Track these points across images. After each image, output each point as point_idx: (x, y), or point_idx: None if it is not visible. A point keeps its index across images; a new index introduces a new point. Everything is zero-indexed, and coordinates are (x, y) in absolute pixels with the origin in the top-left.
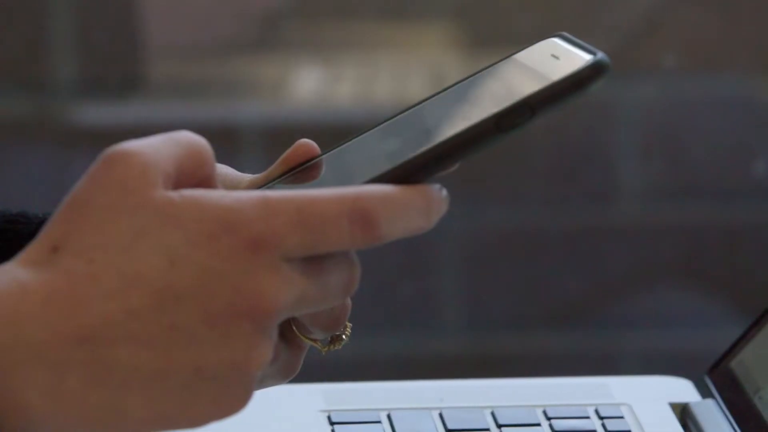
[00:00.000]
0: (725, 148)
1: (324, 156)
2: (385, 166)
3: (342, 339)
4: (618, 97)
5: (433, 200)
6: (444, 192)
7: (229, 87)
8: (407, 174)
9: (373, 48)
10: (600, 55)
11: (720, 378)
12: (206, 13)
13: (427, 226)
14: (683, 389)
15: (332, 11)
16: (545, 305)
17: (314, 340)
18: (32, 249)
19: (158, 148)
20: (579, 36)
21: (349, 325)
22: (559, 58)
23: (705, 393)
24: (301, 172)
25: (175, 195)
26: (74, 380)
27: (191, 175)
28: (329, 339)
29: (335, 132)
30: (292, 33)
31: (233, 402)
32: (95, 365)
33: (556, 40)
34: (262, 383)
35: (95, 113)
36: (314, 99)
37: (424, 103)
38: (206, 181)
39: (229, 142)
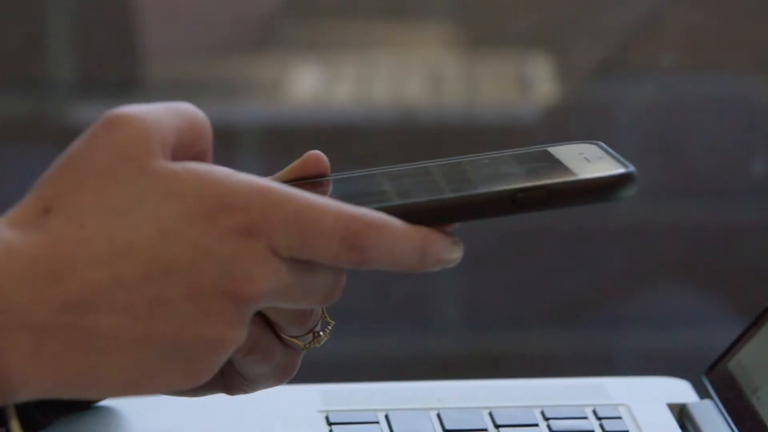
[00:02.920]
0: (723, 148)
1: (333, 177)
2: (392, 201)
3: (321, 337)
4: (616, 97)
5: (431, 245)
6: (454, 242)
7: (227, 87)
8: (412, 215)
9: (371, 48)
10: (631, 168)
11: (718, 378)
12: (204, 13)
13: (418, 268)
14: (681, 390)
15: (330, 11)
16: (543, 305)
17: (295, 338)
18: (23, 208)
19: (160, 115)
20: (575, 36)
21: (331, 323)
22: (590, 161)
23: (703, 393)
24: (307, 185)
25: (178, 166)
26: (55, 345)
27: (189, 147)
28: (310, 337)
29: (333, 132)
30: (290, 33)
31: (199, 375)
32: (77, 331)
33: (591, 146)
34: (260, 384)
35: (93, 113)
36: (312, 99)
37: (449, 161)
38: (202, 154)
39: (227, 142)
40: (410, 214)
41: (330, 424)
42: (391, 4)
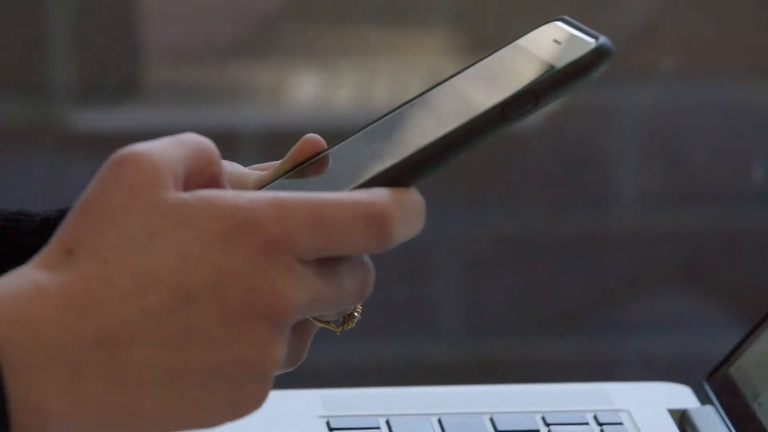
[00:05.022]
0: (723, 153)
1: (331, 150)
2: (393, 159)
3: (354, 317)
4: (616, 102)
5: (423, 203)
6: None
7: (227, 92)
8: (419, 165)
9: (371, 53)
10: (602, 39)
11: (719, 384)
12: (205, 17)
13: (419, 230)
14: (682, 395)
15: (331, 16)
16: (544, 311)
17: (326, 323)
18: (47, 252)
19: (166, 149)
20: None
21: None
22: (561, 43)
23: (704, 399)
24: (308, 166)
25: (188, 195)
26: (91, 381)
27: (199, 175)
28: (341, 319)
29: (334, 137)
30: (291, 38)
31: (249, 401)
32: (112, 366)
33: (559, 24)
34: None
35: (94, 118)
36: (313, 104)
37: (431, 91)
38: (214, 180)
39: (227, 147)
40: (417, 166)
41: (331, 429)
42: (391, 9)
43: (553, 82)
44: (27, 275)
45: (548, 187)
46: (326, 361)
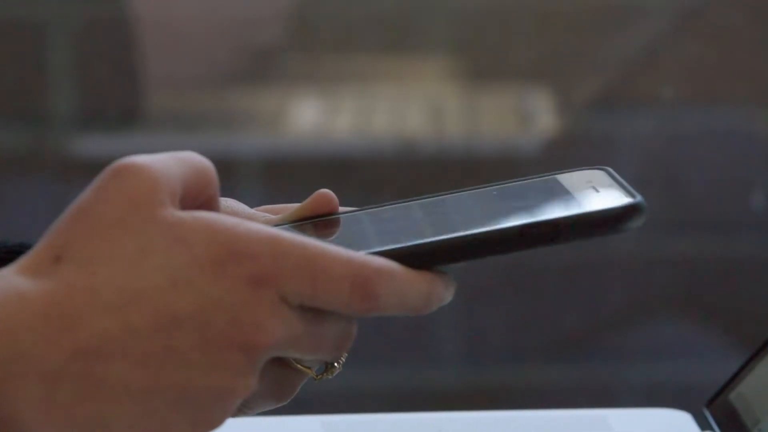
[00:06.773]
0: (724, 181)
1: (342, 215)
2: (400, 243)
3: (335, 368)
4: (616, 130)
5: (435, 288)
6: (451, 282)
7: (227, 119)
8: (421, 256)
9: (371, 80)
10: (638, 198)
11: (719, 410)
12: (205, 45)
13: (423, 311)
14: (682, 422)
15: (331, 44)
16: (544, 338)
17: (308, 368)
18: (34, 256)
19: (167, 164)
20: (575, 69)
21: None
22: (598, 191)
23: (704, 425)
24: (318, 223)
25: (186, 215)
26: (65, 393)
27: (196, 195)
28: (323, 367)
29: (334, 164)
30: (291, 65)
31: (209, 424)
32: (87, 379)
33: (600, 173)
34: (258, 405)
35: (94, 145)
36: (313, 131)
37: (457, 194)
38: (209, 202)
39: (227, 174)
40: (419, 255)
41: None
42: (391, 37)
43: (578, 222)
44: (10, 280)
45: None
46: (326, 387)
